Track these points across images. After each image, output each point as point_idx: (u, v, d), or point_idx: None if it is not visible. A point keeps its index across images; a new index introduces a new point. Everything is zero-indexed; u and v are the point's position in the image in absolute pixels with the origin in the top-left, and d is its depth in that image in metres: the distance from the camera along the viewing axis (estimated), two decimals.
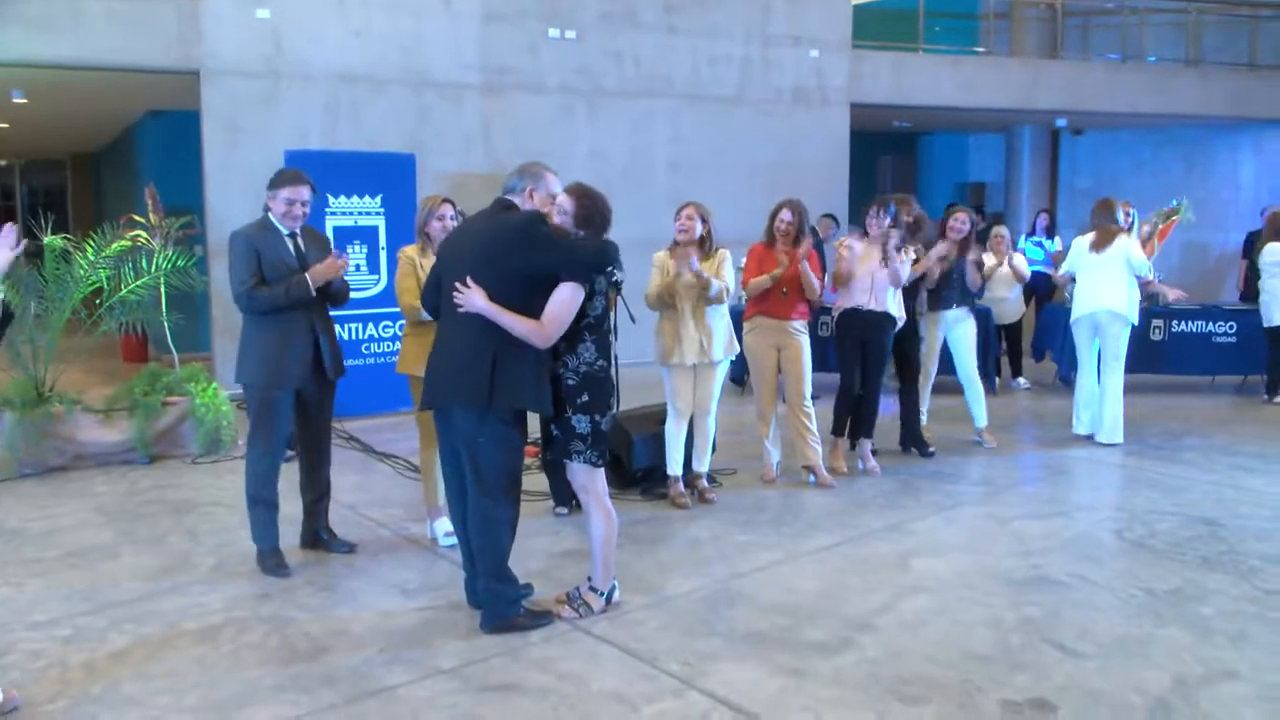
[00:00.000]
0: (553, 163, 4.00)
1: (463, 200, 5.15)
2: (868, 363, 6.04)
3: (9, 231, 3.31)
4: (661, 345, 5.42)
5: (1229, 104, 13.45)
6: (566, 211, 3.77)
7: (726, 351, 5.46)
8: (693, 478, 5.56)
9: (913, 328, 6.37)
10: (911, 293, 6.32)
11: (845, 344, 6.09)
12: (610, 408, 3.85)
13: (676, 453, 5.47)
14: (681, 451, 5.48)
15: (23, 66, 8.33)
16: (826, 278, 6.80)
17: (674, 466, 5.48)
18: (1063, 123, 14.48)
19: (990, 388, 7.09)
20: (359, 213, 7.85)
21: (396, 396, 6.43)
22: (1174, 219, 9.00)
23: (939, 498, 5.62)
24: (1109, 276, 6.67)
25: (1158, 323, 8.71)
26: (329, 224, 7.62)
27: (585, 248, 3.70)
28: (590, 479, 3.85)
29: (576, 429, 3.76)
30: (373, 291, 7.88)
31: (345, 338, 7.71)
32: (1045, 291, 10.35)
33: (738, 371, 7.71)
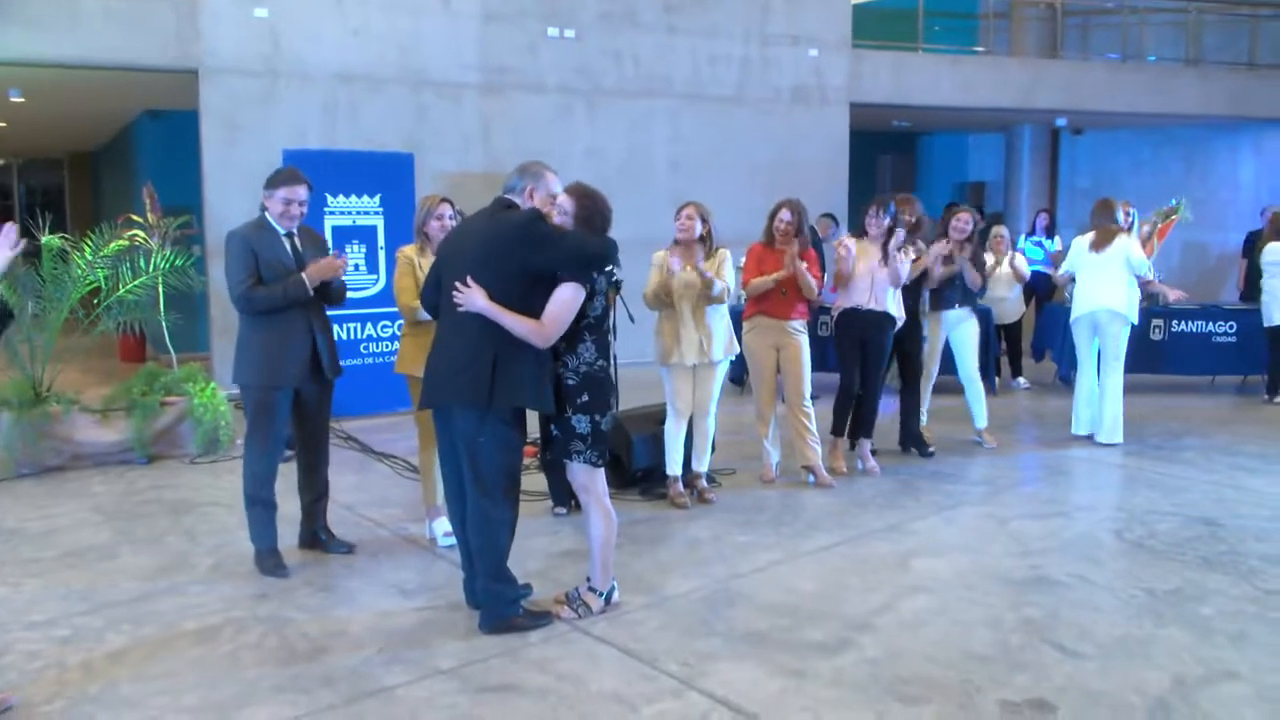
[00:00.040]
0: (551, 162, 3.98)
1: (461, 200, 5.14)
2: (867, 362, 6.03)
3: (9, 230, 3.30)
4: (661, 345, 5.41)
5: (1229, 104, 13.45)
6: (566, 211, 3.76)
7: (726, 352, 5.45)
8: (692, 478, 5.55)
9: (916, 327, 6.36)
10: (915, 292, 6.31)
11: (844, 344, 6.08)
12: (610, 408, 3.84)
13: (676, 453, 5.47)
14: (681, 451, 5.48)
15: (20, 65, 8.32)
16: (826, 277, 6.79)
17: (673, 466, 5.48)
18: (1062, 122, 14.48)
19: (990, 388, 7.09)
20: (357, 212, 7.83)
21: (395, 396, 6.43)
22: (1173, 218, 9.00)
23: (939, 498, 5.61)
24: (1109, 276, 6.66)
25: (1158, 322, 8.71)
26: (327, 223, 7.61)
27: (587, 244, 3.69)
28: (590, 479, 3.85)
29: (576, 429, 3.75)
30: (371, 291, 7.86)
31: (344, 338, 7.70)
32: (1045, 291, 10.34)
33: (737, 371, 7.70)
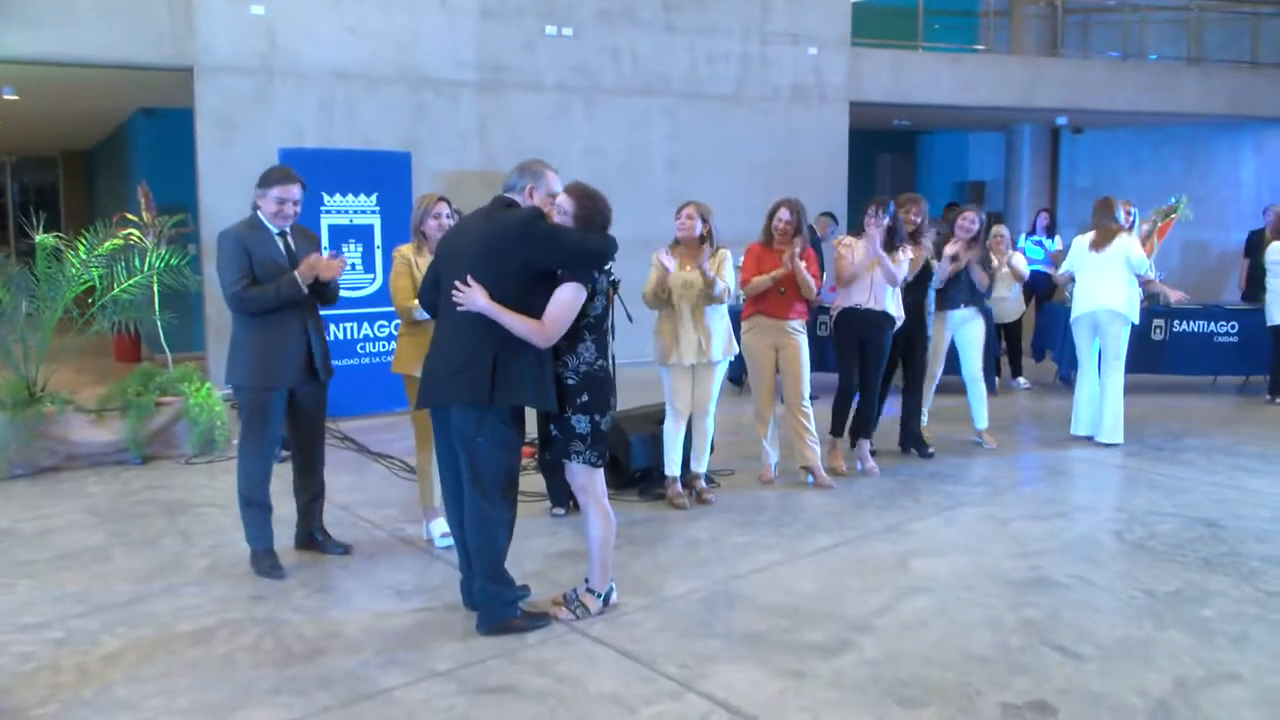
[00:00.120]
0: (550, 161, 3.96)
1: (459, 198, 5.12)
2: (866, 362, 6.01)
3: None
4: (660, 345, 5.38)
5: (1230, 102, 13.42)
6: (566, 211, 3.73)
7: (725, 352, 5.43)
8: (691, 478, 5.53)
9: (921, 327, 6.33)
10: (921, 292, 6.28)
11: (844, 343, 6.06)
12: (610, 407, 3.83)
13: (675, 453, 5.44)
14: (680, 452, 5.46)
15: (13, 63, 8.27)
16: (825, 277, 6.76)
17: (672, 467, 5.45)
18: (1063, 121, 14.45)
19: (990, 388, 7.07)
20: (354, 211, 7.80)
21: (392, 396, 6.40)
22: (1173, 217, 8.98)
23: (938, 498, 5.59)
24: (1109, 275, 6.64)
25: (1159, 322, 8.69)
26: (324, 222, 7.58)
27: (587, 242, 3.67)
28: (589, 479, 3.82)
29: (576, 429, 3.73)
30: (368, 291, 7.83)
31: (340, 337, 7.68)
32: (1045, 291, 10.31)
33: (736, 371, 7.67)
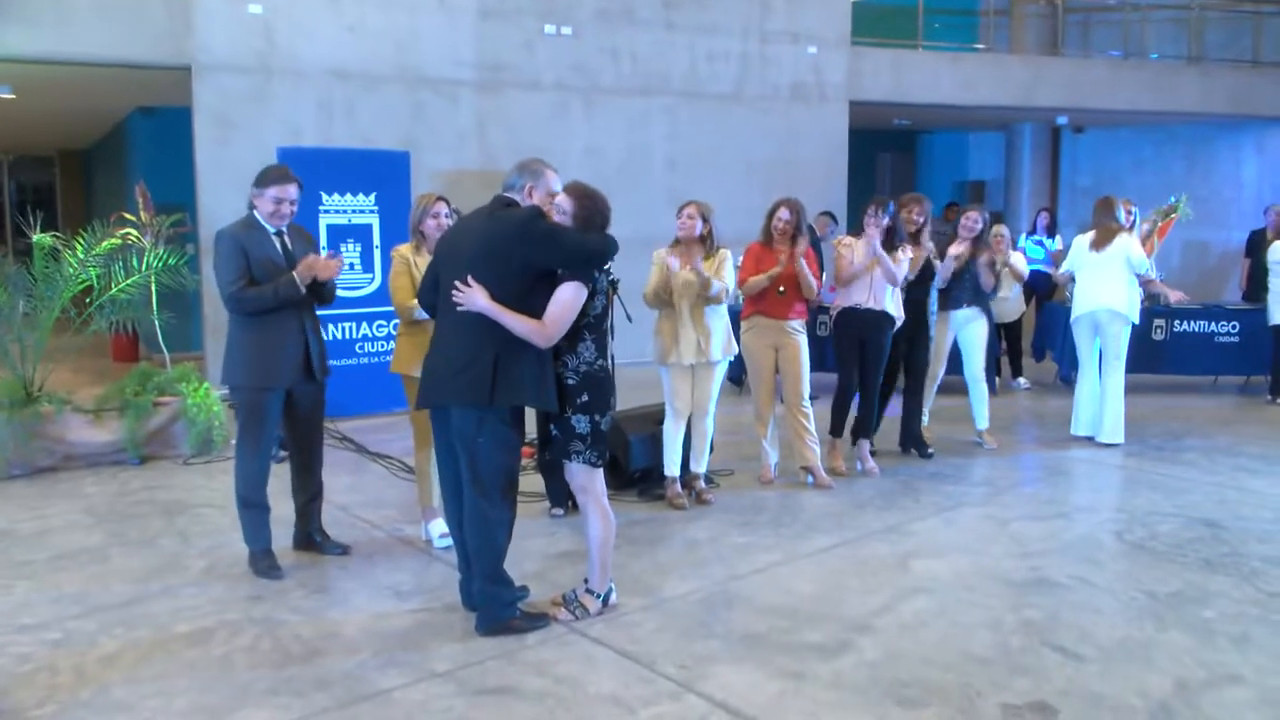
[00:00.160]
0: (549, 160, 3.94)
1: (458, 198, 5.11)
2: (866, 362, 5.99)
3: None
4: (660, 345, 5.37)
5: (1231, 102, 13.40)
6: (565, 211, 3.72)
7: (725, 352, 5.41)
8: (690, 478, 5.52)
9: (924, 327, 6.31)
10: (924, 292, 6.26)
11: (843, 343, 6.04)
12: (610, 407, 3.82)
13: (674, 453, 5.43)
14: (679, 452, 5.45)
15: (10, 61, 8.24)
16: (825, 276, 6.74)
17: (671, 467, 5.44)
18: (1063, 120, 14.43)
19: (990, 388, 7.06)
20: (353, 211, 7.78)
21: (390, 396, 6.38)
22: (1173, 216, 8.97)
23: (938, 499, 5.58)
24: (1109, 275, 6.63)
25: (1159, 322, 8.67)
26: (322, 222, 7.56)
27: (588, 241, 3.66)
28: (589, 479, 3.81)
29: (576, 429, 3.72)
30: (366, 290, 7.81)
31: (339, 337, 7.67)
32: (1045, 290, 10.30)
33: (735, 372, 7.66)
